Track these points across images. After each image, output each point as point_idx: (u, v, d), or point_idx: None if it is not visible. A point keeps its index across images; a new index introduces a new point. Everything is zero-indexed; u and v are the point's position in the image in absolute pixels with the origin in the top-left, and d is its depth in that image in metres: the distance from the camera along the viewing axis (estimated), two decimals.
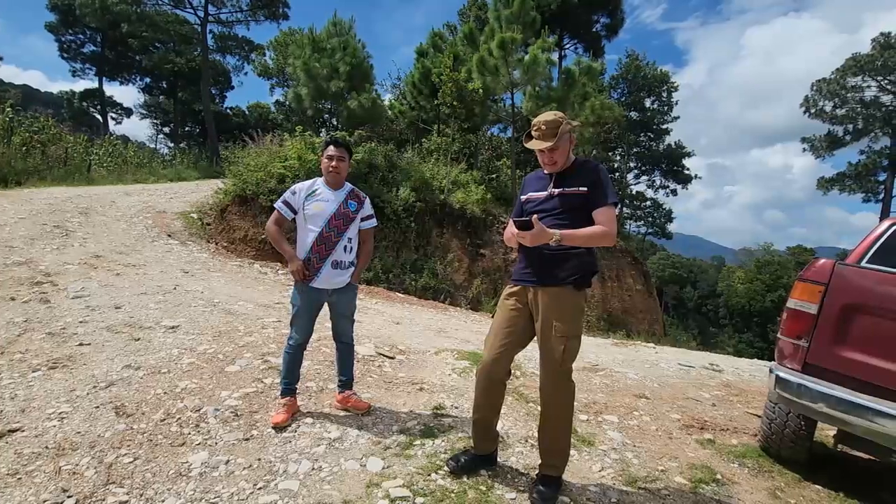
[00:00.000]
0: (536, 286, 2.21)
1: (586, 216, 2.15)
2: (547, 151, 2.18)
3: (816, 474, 2.87)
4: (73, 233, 7.08)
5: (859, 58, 25.46)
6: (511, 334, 2.27)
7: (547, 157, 2.21)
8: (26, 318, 3.89)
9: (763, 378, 5.76)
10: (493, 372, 2.29)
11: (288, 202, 2.74)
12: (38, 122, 14.50)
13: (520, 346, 2.31)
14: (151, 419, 2.63)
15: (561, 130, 2.15)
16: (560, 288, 2.17)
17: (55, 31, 28.47)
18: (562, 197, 2.20)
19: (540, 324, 2.19)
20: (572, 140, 2.28)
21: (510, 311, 2.30)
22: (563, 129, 2.16)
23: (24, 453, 2.21)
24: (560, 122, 2.17)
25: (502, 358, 2.28)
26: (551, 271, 2.17)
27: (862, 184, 26.81)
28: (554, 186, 2.24)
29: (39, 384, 2.89)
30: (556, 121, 2.17)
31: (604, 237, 2.09)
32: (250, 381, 3.25)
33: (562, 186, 2.22)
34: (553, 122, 2.17)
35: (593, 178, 2.16)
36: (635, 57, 29.36)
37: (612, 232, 2.09)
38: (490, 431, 2.45)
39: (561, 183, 2.23)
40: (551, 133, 2.16)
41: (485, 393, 2.34)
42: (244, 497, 2.07)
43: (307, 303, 2.76)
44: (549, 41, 12.50)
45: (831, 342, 2.28)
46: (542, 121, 2.17)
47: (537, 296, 2.21)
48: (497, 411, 2.42)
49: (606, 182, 2.17)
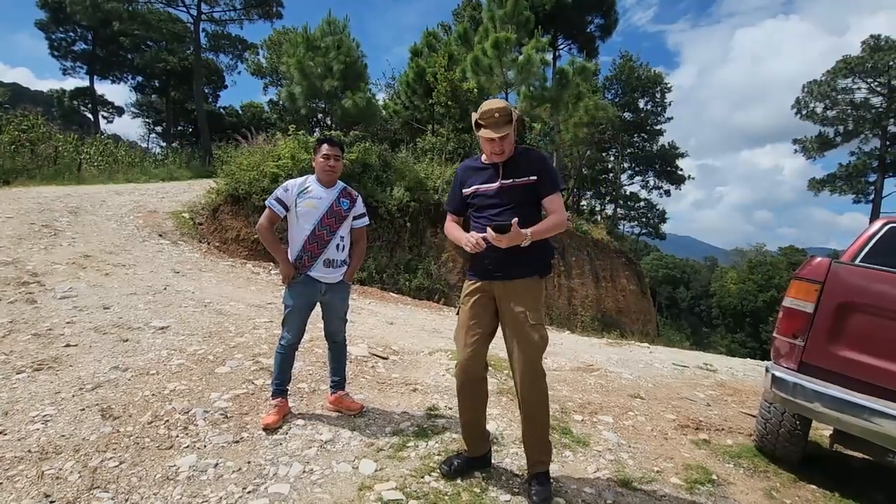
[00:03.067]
0: (503, 280, 2.19)
1: (536, 205, 2.20)
2: (498, 140, 2.12)
3: (811, 474, 2.87)
4: (61, 232, 6.97)
5: (850, 60, 25.71)
6: (480, 327, 2.24)
7: (498, 146, 2.15)
8: (11, 319, 3.81)
9: (756, 378, 5.78)
10: (470, 368, 2.25)
11: (280, 199, 2.69)
12: (28, 120, 14.31)
13: (489, 339, 2.29)
14: (139, 422, 2.57)
15: (513, 118, 2.14)
16: (528, 279, 2.18)
17: (45, 28, 28.08)
18: (514, 189, 2.18)
19: (511, 316, 2.16)
20: (516, 128, 2.29)
21: (477, 306, 2.26)
22: (515, 116, 2.16)
23: (6, 457, 2.15)
24: (510, 110, 2.13)
25: (477, 353, 2.24)
26: (518, 264, 2.16)
27: (852, 185, 27.07)
28: (503, 178, 2.20)
29: (23, 386, 2.82)
30: (508, 108, 2.13)
31: (560, 226, 2.17)
32: (241, 382, 3.19)
33: (511, 177, 2.18)
34: (506, 109, 2.12)
35: (539, 167, 2.17)
36: (629, 58, 29.47)
37: (565, 219, 2.18)
38: (481, 432, 2.41)
39: (509, 173, 2.20)
40: (505, 121, 2.12)
41: (467, 392, 2.30)
42: (233, 501, 2.02)
43: (300, 302, 2.71)
44: (543, 41, 12.50)
45: (827, 341, 2.27)
46: (496, 108, 2.12)
47: (505, 289, 2.19)
48: (483, 410, 2.38)
49: (552, 168, 2.22)
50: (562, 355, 5.36)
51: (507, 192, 2.18)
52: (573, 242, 14.33)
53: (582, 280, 13.93)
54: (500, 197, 2.19)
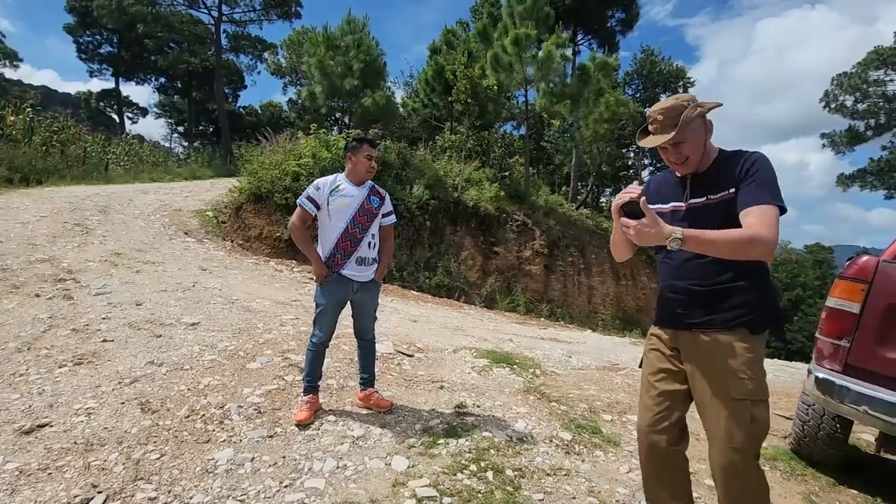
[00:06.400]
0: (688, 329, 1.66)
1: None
2: (671, 147, 1.62)
3: (851, 478, 2.79)
4: (92, 231, 7.17)
5: (882, 51, 24.79)
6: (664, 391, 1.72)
7: (673, 155, 1.63)
8: (51, 315, 3.93)
9: (785, 378, 5.64)
10: (652, 440, 1.72)
11: (312, 198, 2.72)
12: (58, 122, 14.74)
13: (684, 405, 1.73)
14: (176, 416, 2.63)
15: (685, 118, 1.57)
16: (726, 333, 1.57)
17: (73, 32, 28.95)
18: (705, 210, 1.60)
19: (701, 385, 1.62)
20: (708, 128, 1.64)
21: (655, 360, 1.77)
22: (688, 115, 1.57)
23: (54, 448, 2.22)
24: (682, 108, 1.59)
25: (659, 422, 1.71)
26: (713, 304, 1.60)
27: (884, 180, 26.13)
28: (692, 196, 1.64)
29: (66, 380, 2.91)
30: (676, 106, 1.60)
31: (748, 243, 1.43)
32: (271, 378, 3.24)
33: (703, 195, 1.61)
34: (672, 108, 1.60)
35: (741, 172, 1.55)
36: (650, 52, 28.94)
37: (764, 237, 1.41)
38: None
39: (700, 189, 1.63)
40: (671, 123, 1.58)
41: (652, 468, 1.78)
42: (271, 495, 2.06)
43: (332, 301, 2.73)
44: (564, 37, 12.34)
45: (875, 342, 2.20)
46: (659, 109, 1.63)
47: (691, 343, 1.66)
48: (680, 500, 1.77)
49: (761, 175, 1.52)
50: (587, 354, 5.31)
51: (696, 214, 1.62)
52: (593, 240, 14.16)
53: (602, 278, 13.77)
54: (688, 221, 1.61)
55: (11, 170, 10.17)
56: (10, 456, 2.14)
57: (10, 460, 2.11)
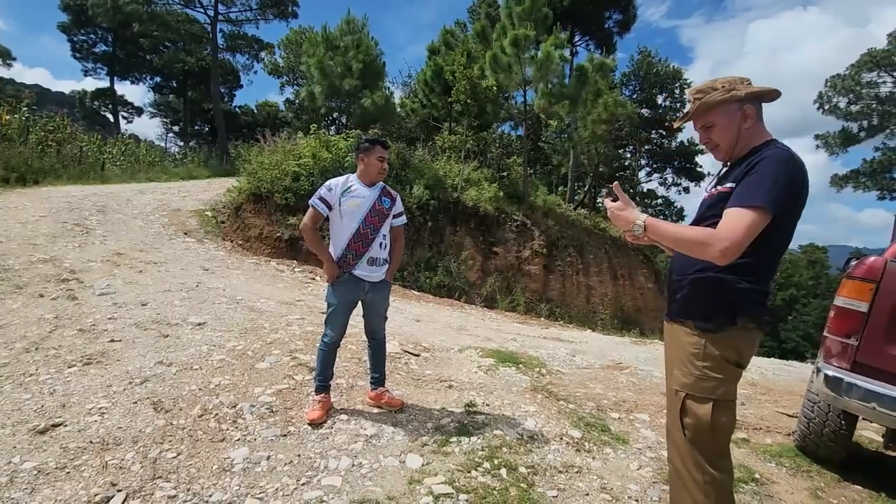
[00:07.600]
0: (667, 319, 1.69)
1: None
2: (701, 132, 1.57)
3: (855, 474, 2.84)
4: (92, 230, 7.14)
5: (875, 53, 25.05)
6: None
7: (703, 139, 1.59)
8: (56, 315, 3.92)
9: (787, 377, 5.70)
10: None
11: (324, 198, 2.72)
12: (53, 121, 14.63)
13: None
14: (189, 415, 2.64)
15: (710, 100, 1.48)
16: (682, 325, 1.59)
17: (67, 30, 28.72)
18: (716, 200, 1.53)
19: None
20: (748, 115, 1.51)
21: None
22: (711, 99, 1.48)
23: (70, 447, 2.23)
24: (710, 90, 1.51)
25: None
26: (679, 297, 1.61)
27: (877, 180, 26.41)
28: (717, 183, 1.59)
29: (76, 380, 2.91)
30: (705, 89, 1.52)
31: (700, 244, 1.40)
32: (281, 377, 3.25)
33: (722, 183, 1.55)
34: (701, 90, 1.53)
35: (748, 167, 1.46)
36: (647, 54, 29.07)
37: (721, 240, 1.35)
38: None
39: (724, 179, 1.57)
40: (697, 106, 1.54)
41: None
42: (289, 493, 2.07)
43: (343, 301, 2.75)
44: (562, 38, 12.40)
45: (883, 340, 2.24)
46: (694, 89, 1.56)
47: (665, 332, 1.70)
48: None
49: (763, 176, 1.41)
50: (590, 353, 5.34)
51: (711, 203, 1.56)
52: (591, 240, 14.23)
53: (600, 278, 13.83)
54: (705, 209, 1.58)
55: (7, 169, 10.09)
56: (27, 455, 2.15)
57: (27, 459, 2.11)
